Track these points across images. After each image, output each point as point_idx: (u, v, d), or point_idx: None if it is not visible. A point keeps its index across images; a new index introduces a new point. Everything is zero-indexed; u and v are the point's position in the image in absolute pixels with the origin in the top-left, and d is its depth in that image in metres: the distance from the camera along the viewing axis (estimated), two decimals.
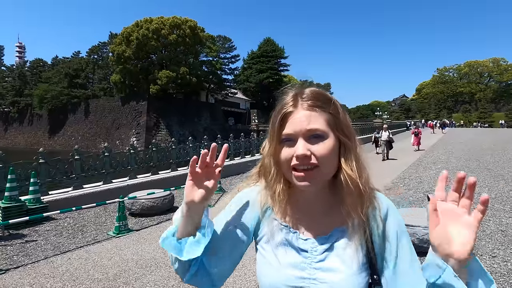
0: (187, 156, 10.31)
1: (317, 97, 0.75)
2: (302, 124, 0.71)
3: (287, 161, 0.72)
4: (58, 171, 6.94)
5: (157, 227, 5.47)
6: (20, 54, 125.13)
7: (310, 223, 0.79)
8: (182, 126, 41.20)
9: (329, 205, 0.79)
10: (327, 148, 0.71)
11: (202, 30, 44.00)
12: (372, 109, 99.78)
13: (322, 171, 0.72)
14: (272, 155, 0.77)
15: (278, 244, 0.78)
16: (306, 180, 0.71)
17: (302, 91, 0.76)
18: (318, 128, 0.71)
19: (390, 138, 13.43)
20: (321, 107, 0.74)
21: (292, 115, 0.73)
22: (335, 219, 0.78)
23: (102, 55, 54.95)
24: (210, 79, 48.18)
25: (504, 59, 78.77)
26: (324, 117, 0.73)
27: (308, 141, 0.71)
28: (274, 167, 0.77)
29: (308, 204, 0.80)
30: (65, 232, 5.26)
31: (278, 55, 59.76)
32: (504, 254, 3.77)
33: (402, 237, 0.77)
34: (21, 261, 4.12)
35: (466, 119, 67.26)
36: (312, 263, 0.75)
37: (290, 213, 0.80)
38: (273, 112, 0.78)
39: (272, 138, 0.76)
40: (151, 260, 4.00)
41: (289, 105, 0.74)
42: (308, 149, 0.70)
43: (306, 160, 0.70)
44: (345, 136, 0.75)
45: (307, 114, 0.72)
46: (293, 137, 0.72)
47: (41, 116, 53.14)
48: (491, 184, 7.67)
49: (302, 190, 0.76)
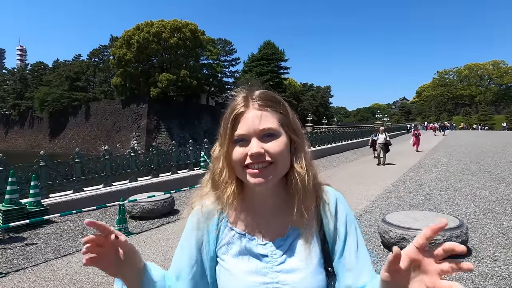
0: (187, 159, 10.31)
1: (267, 98, 0.76)
2: (255, 123, 0.72)
3: (241, 161, 0.72)
4: (58, 174, 6.94)
5: (158, 230, 5.46)
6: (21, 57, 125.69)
7: (266, 226, 0.79)
8: (183, 129, 41.24)
9: (282, 205, 0.79)
10: (280, 145, 0.72)
11: (203, 33, 44.18)
12: (372, 112, 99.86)
13: (276, 167, 0.72)
14: (224, 156, 0.75)
15: (238, 253, 0.77)
16: (260, 177, 0.71)
17: (252, 93, 0.77)
18: (271, 127, 0.73)
19: (387, 141, 12.73)
20: (272, 107, 0.75)
21: (244, 115, 0.73)
22: (289, 218, 0.77)
23: (103, 58, 55.14)
24: (210, 82, 48.32)
25: (504, 61, 78.98)
26: (276, 116, 0.75)
27: (261, 140, 0.72)
28: (226, 169, 0.76)
29: (262, 207, 0.80)
30: (66, 235, 5.25)
31: (278, 58, 59.90)
32: (506, 257, 3.75)
33: (350, 228, 0.79)
34: (21, 265, 4.11)
35: (466, 121, 67.22)
36: (274, 266, 0.75)
37: (245, 219, 0.80)
38: (223, 114, 0.77)
39: (223, 139, 0.75)
40: None
41: (240, 105, 0.74)
42: (261, 147, 0.71)
43: (260, 158, 0.70)
44: (295, 135, 0.77)
45: (258, 114, 0.73)
46: (246, 137, 0.72)
47: (41, 119, 53.24)
48: (492, 187, 7.65)
49: (255, 193, 0.78)
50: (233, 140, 0.74)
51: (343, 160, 14.95)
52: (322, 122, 59.62)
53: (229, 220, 0.80)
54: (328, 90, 76.73)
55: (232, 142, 0.74)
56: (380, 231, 4.19)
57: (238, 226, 0.80)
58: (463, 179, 8.69)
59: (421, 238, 0.54)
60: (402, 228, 3.89)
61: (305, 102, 67.62)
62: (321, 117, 64.41)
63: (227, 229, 0.80)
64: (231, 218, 0.80)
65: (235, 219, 0.80)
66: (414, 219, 4.06)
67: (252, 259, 0.77)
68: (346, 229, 0.79)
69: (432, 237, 0.53)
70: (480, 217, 5.35)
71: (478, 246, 4.11)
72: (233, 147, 0.74)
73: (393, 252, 0.54)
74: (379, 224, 4.34)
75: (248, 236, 0.78)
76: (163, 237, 5.02)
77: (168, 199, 6.34)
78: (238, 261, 0.77)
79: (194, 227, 0.82)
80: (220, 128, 0.77)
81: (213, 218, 0.81)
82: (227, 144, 0.74)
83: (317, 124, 58.09)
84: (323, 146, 17.92)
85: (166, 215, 6.20)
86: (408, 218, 4.12)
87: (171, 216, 6.19)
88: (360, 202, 6.67)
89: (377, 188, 8.13)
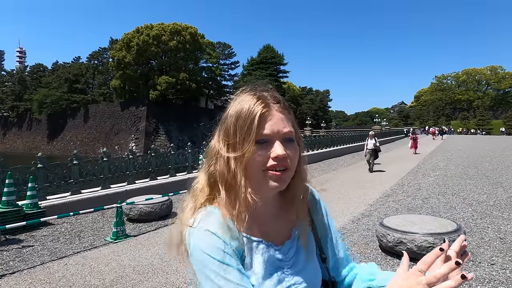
0: (186, 162, 10.30)
1: (282, 101, 0.76)
2: (279, 126, 0.71)
3: (262, 163, 0.69)
4: (56, 176, 6.92)
5: (155, 232, 5.44)
6: (21, 59, 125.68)
7: (273, 230, 0.79)
8: (181, 132, 41.25)
9: (279, 207, 0.81)
10: (296, 151, 0.74)
11: (202, 36, 44.37)
12: (371, 116, 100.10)
13: (290, 174, 0.73)
14: (242, 158, 0.69)
15: (264, 261, 0.73)
16: (280, 181, 0.70)
17: (267, 94, 0.74)
18: (292, 131, 0.73)
19: (376, 146, 11.95)
20: (288, 111, 0.76)
21: (267, 116, 0.71)
22: (288, 219, 0.80)
23: (102, 61, 55.23)
24: (209, 85, 48.42)
25: (501, 67, 79.46)
26: (291, 120, 0.75)
27: (282, 143, 0.71)
28: (242, 173, 0.70)
29: (266, 211, 0.78)
30: (62, 238, 5.22)
31: (278, 62, 60.13)
32: (503, 262, 3.76)
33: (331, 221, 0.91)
34: (17, 267, 4.08)
35: (464, 126, 67.50)
36: (288, 269, 0.76)
37: (253, 225, 0.75)
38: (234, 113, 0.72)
39: (241, 140, 0.69)
40: (148, 266, 3.97)
41: (261, 106, 0.71)
42: (285, 151, 0.70)
43: (284, 162, 0.70)
44: (299, 139, 0.78)
45: (281, 117, 0.72)
46: (271, 138, 0.70)
47: (40, 120, 53.15)
48: (490, 191, 7.67)
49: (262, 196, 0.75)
50: (256, 140, 0.69)
51: (341, 164, 14.97)
52: (321, 125, 59.78)
53: (241, 229, 0.73)
54: (327, 94, 76.93)
55: (255, 143, 0.69)
56: (378, 235, 4.19)
57: (252, 234, 0.74)
58: (461, 184, 8.71)
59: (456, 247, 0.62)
60: (400, 232, 3.89)
61: (304, 106, 67.77)
62: (319, 120, 64.59)
63: (244, 239, 0.73)
64: (241, 226, 0.72)
65: (246, 226, 0.73)
66: (412, 223, 4.06)
67: (270, 265, 0.74)
68: (328, 220, 0.90)
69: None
70: (477, 221, 5.36)
71: (476, 250, 4.12)
72: (255, 148, 0.69)
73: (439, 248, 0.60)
74: (377, 227, 4.34)
75: (264, 242, 0.75)
76: (161, 239, 5.01)
77: (166, 201, 6.33)
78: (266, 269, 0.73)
79: (225, 255, 0.67)
80: (234, 127, 0.71)
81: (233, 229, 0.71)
82: (250, 145, 0.69)
83: (315, 127, 58.21)
84: (321, 150, 17.94)
85: (164, 217, 6.18)
86: (406, 222, 4.12)
87: (169, 219, 6.16)
88: (358, 206, 6.67)
89: (375, 192, 8.13)
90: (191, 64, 44.04)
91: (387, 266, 3.73)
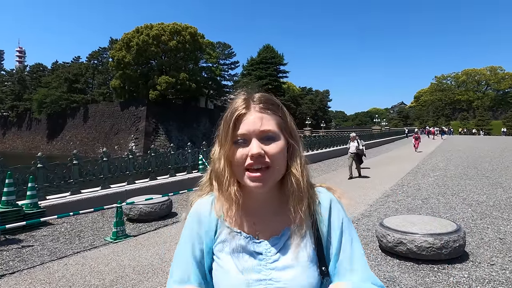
0: (185, 162, 10.30)
1: (267, 101, 0.79)
2: (256, 125, 0.74)
3: (241, 162, 0.74)
4: (56, 176, 6.91)
5: (155, 232, 5.44)
6: (20, 59, 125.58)
7: (262, 225, 0.81)
8: (181, 132, 41.23)
9: (278, 205, 0.81)
10: (279, 148, 0.75)
11: (202, 36, 44.33)
12: (371, 116, 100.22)
13: (274, 171, 0.74)
14: (224, 157, 0.77)
15: (233, 250, 0.79)
16: (259, 181, 0.73)
17: (253, 95, 0.80)
18: (271, 129, 0.75)
19: (359, 150, 10.51)
20: (272, 110, 0.78)
21: (246, 116, 0.75)
22: (285, 218, 0.80)
23: (102, 61, 55.17)
24: (209, 85, 48.39)
25: (501, 67, 79.57)
26: (275, 119, 0.77)
27: (261, 142, 0.74)
28: (227, 169, 0.77)
29: (259, 206, 0.82)
30: (62, 238, 5.22)
31: (278, 62, 60.17)
32: (503, 262, 3.76)
33: (345, 234, 0.80)
34: (17, 267, 4.08)
35: (464, 126, 67.54)
36: (267, 264, 0.77)
37: (242, 218, 0.81)
38: (223, 115, 0.79)
39: (225, 140, 0.77)
40: (148, 267, 3.97)
41: (242, 107, 0.76)
42: (262, 149, 0.73)
43: (261, 159, 0.72)
44: (292, 138, 0.79)
45: (259, 116, 0.75)
46: (246, 137, 0.74)
47: (39, 120, 53.10)
48: (489, 191, 7.67)
49: (252, 193, 0.79)
50: (234, 140, 0.75)
51: (341, 164, 14.96)
52: (321, 126, 59.80)
53: (226, 219, 0.81)
54: (326, 94, 76.94)
55: (233, 143, 0.75)
56: (378, 235, 4.19)
57: (235, 225, 0.81)
58: (460, 184, 8.71)
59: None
60: (400, 232, 3.89)
61: (303, 106, 67.79)
62: (319, 121, 64.62)
63: (224, 227, 0.81)
64: (228, 217, 0.81)
65: (232, 218, 0.81)
66: (412, 223, 4.06)
67: (246, 256, 0.78)
68: (341, 235, 0.79)
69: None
70: (477, 221, 5.36)
71: (476, 250, 4.12)
72: (234, 147, 0.75)
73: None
74: (376, 228, 4.34)
75: (243, 235, 0.80)
76: (161, 240, 5.01)
77: (166, 201, 6.33)
78: (232, 259, 0.78)
79: (194, 227, 0.83)
80: (219, 129, 0.79)
81: (211, 217, 0.82)
82: (229, 144, 0.76)
83: (315, 128, 58.25)
84: (321, 150, 17.94)
85: (164, 217, 6.18)
86: (406, 222, 4.12)
87: (168, 219, 6.17)
88: (358, 206, 6.68)
89: (375, 192, 8.13)
90: (191, 64, 44.01)
91: (387, 266, 3.73)
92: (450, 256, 3.73)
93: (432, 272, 3.54)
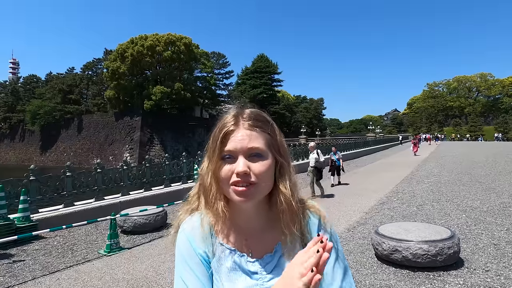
0: (180, 172, 10.25)
1: (257, 118, 0.79)
2: (243, 142, 0.74)
3: (227, 178, 0.74)
4: (49, 189, 6.82)
5: (150, 244, 5.37)
6: (14, 70, 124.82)
7: (254, 243, 0.81)
8: (177, 141, 41.11)
9: (268, 221, 0.81)
10: (265, 166, 0.75)
11: (197, 46, 44.68)
12: (365, 123, 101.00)
13: (259, 188, 0.74)
14: (212, 172, 0.77)
15: (230, 269, 0.78)
16: (244, 196, 0.73)
17: (243, 111, 0.80)
18: (258, 147, 0.75)
19: (318, 162, 8.86)
20: (261, 127, 0.78)
21: (234, 133, 0.76)
22: (276, 234, 0.80)
23: (97, 71, 55.20)
24: (204, 95, 48.55)
25: (491, 74, 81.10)
26: (263, 137, 0.77)
27: (248, 159, 0.74)
28: (214, 184, 0.78)
29: (248, 223, 0.81)
30: (55, 251, 5.13)
31: (272, 71, 60.70)
32: (497, 268, 3.77)
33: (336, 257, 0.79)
34: (8, 282, 3.99)
35: (457, 132, 68.35)
36: (264, 283, 0.77)
37: (233, 235, 0.81)
38: (213, 130, 0.80)
39: (212, 155, 0.77)
40: (142, 280, 3.91)
41: (231, 123, 0.77)
42: (248, 167, 0.73)
43: (246, 177, 0.73)
44: (281, 156, 0.79)
45: (247, 133, 0.76)
46: (233, 154, 0.74)
47: (33, 132, 52.59)
48: (483, 197, 7.74)
49: (241, 210, 0.79)
50: (221, 156, 0.76)
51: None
52: (316, 133, 60.09)
53: (219, 236, 0.81)
54: (321, 102, 77.58)
55: (220, 158, 0.76)
56: (373, 243, 4.19)
57: (228, 242, 0.80)
58: (454, 190, 8.78)
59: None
60: (395, 240, 3.90)
61: (298, 114, 68.19)
62: (314, 129, 64.95)
63: (218, 245, 0.80)
64: (220, 234, 0.81)
65: (224, 235, 0.81)
66: (407, 231, 4.07)
67: (243, 276, 0.78)
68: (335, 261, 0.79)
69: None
70: (471, 227, 5.39)
71: (470, 257, 4.14)
72: (221, 163, 0.76)
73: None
74: (372, 236, 4.34)
75: (238, 253, 0.79)
76: (155, 251, 4.94)
77: (161, 213, 6.27)
78: (230, 277, 0.77)
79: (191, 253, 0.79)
80: (209, 144, 0.80)
81: (205, 235, 0.80)
82: (216, 160, 0.76)
83: (310, 135, 58.48)
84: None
85: (159, 229, 6.11)
86: (401, 230, 4.13)
87: (163, 230, 6.09)
88: (354, 214, 6.68)
89: (370, 199, 8.15)
90: (186, 74, 44.22)
91: (383, 274, 3.73)
92: (445, 263, 3.74)
93: (428, 280, 3.54)
